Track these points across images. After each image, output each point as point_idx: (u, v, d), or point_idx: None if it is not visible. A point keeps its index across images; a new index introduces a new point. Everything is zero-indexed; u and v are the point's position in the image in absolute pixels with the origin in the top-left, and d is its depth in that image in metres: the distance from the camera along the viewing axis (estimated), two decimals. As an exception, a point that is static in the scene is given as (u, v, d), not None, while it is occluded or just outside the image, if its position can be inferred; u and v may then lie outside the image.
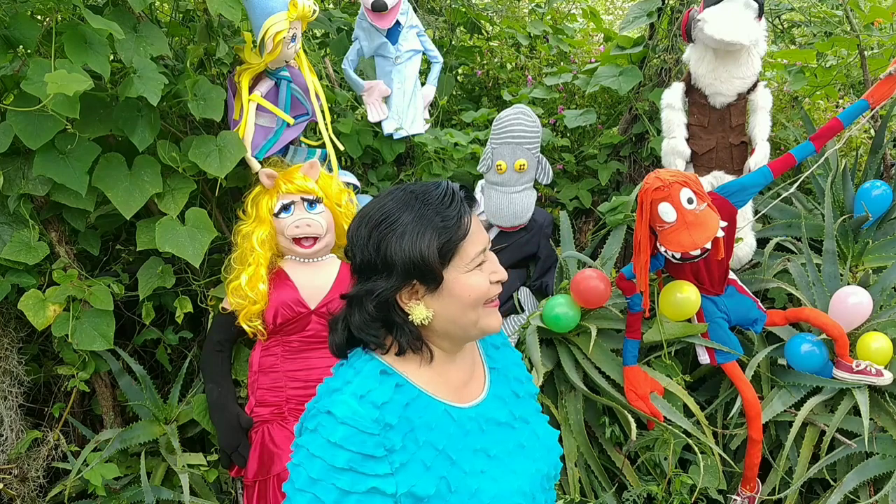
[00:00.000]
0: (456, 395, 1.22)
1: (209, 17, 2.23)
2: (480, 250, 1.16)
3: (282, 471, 2.10)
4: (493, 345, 1.35)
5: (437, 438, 1.15)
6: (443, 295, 1.15)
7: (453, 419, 1.18)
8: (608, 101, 3.32)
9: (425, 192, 1.15)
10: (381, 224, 1.13)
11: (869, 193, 2.58)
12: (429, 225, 1.12)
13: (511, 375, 1.33)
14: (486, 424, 1.22)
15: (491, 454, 1.20)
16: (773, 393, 2.34)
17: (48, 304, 2.08)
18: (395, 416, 1.12)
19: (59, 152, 1.98)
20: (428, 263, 1.12)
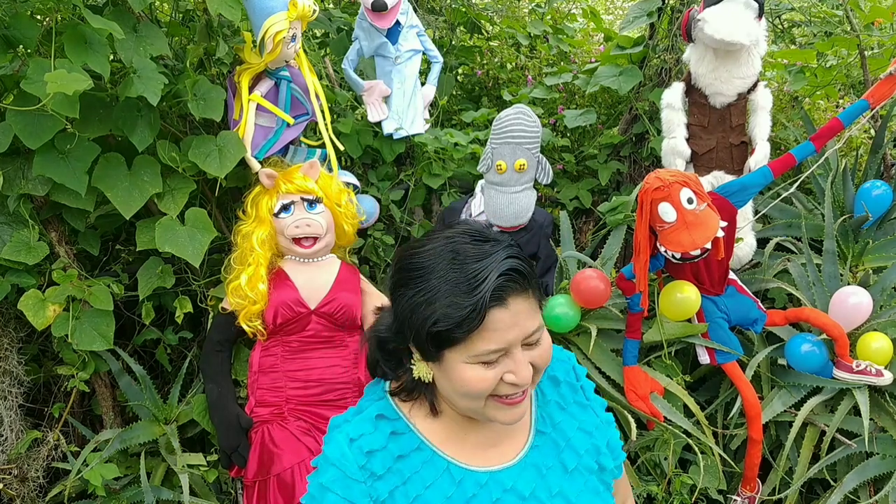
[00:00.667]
0: (474, 455, 1.11)
1: (209, 17, 2.23)
2: (495, 350, 1.00)
3: (281, 471, 2.10)
4: (557, 404, 1.19)
5: (432, 498, 1.07)
6: (441, 369, 1.04)
7: (455, 480, 1.09)
8: (608, 101, 3.32)
9: (467, 256, 1.00)
10: (403, 271, 1.03)
11: (869, 193, 2.57)
12: (440, 302, 0.98)
13: (566, 443, 1.16)
14: (502, 494, 1.09)
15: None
16: (773, 393, 2.34)
17: (48, 304, 2.08)
18: (383, 466, 1.06)
19: (58, 152, 1.98)
20: (422, 341, 1.01)
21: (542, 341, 1.06)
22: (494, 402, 1.04)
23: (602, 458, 1.18)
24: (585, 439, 1.18)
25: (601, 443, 1.19)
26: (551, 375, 1.20)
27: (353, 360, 2.22)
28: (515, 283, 0.99)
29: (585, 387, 1.23)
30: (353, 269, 2.31)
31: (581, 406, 1.21)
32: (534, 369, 1.04)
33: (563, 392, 1.20)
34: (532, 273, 1.02)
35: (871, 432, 2.18)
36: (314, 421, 2.16)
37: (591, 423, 1.20)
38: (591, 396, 1.23)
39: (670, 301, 2.28)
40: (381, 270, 2.64)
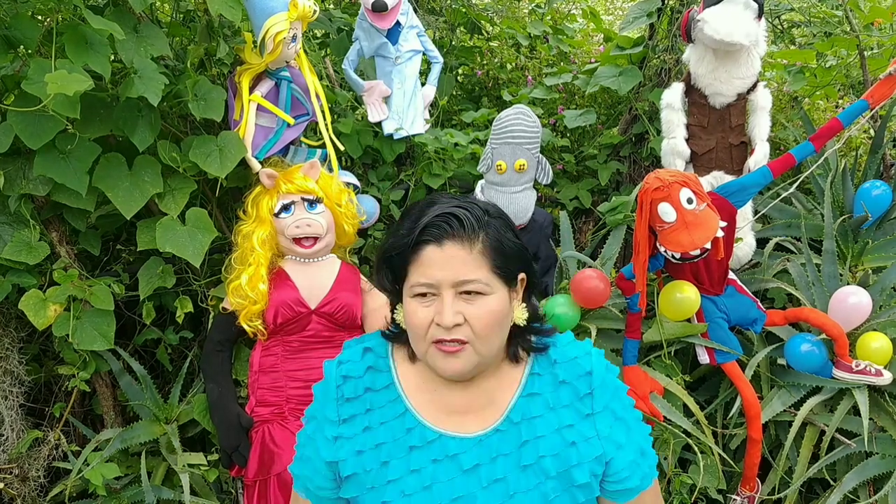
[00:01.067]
0: (436, 415, 1.18)
1: (210, 17, 2.23)
2: (424, 282, 1.11)
3: (282, 470, 2.10)
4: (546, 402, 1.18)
5: (383, 434, 1.17)
6: (403, 311, 1.18)
7: (405, 427, 1.17)
8: (608, 102, 3.32)
9: (426, 203, 1.16)
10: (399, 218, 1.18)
11: (869, 193, 2.58)
12: (392, 231, 1.17)
13: (532, 439, 1.16)
14: (444, 458, 1.16)
15: (429, 487, 1.15)
16: (773, 393, 2.34)
17: (49, 304, 2.08)
18: (353, 392, 1.20)
19: (59, 152, 1.98)
20: (376, 265, 1.18)
21: (483, 303, 1.12)
22: (434, 347, 1.13)
23: (575, 469, 1.15)
24: (559, 444, 1.16)
25: (585, 456, 1.15)
26: (556, 375, 1.20)
27: (353, 360, 2.22)
28: (452, 227, 1.10)
29: (599, 398, 1.19)
30: (353, 269, 2.31)
31: (578, 413, 1.18)
32: (471, 328, 1.11)
33: (561, 393, 1.19)
34: (479, 227, 1.12)
35: (870, 432, 2.18)
36: (314, 420, 2.16)
37: (583, 433, 1.17)
38: (599, 409, 1.18)
39: (670, 301, 2.28)
40: (381, 270, 2.64)
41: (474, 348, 1.13)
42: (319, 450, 1.20)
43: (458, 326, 1.11)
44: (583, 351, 1.22)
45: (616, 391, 1.21)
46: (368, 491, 1.17)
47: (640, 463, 1.20)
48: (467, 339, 1.12)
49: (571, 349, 1.22)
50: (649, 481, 1.22)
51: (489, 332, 1.13)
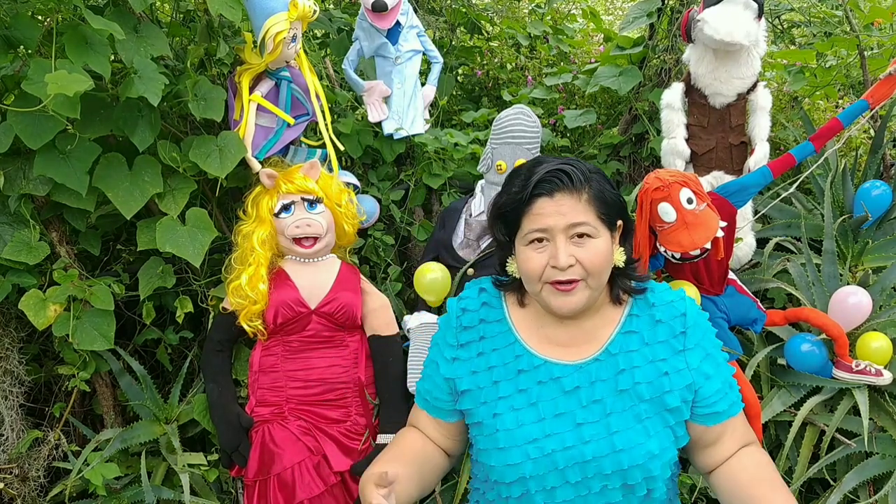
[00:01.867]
0: (541, 345, 1.37)
1: (210, 17, 2.23)
2: (538, 228, 1.28)
3: (282, 470, 2.10)
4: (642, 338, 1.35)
5: (495, 359, 1.37)
6: (516, 259, 1.35)
7: (515, 353, 1.36)
8: (608, 102, 3.32)
9: (532, 163, 1.33)
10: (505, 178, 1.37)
11: (868, 193, 2.58)
12: (504, 189, 1.33)
13: (629, 367, 1.33)
14: (549, 381, 1.33)
15: (535, 403, 1.33)
16: (773, 393, 2.34)
17: (49, 304, 2.08)
18: (470, 321, 1.41)
19: (59, 152, 1.98)
20: (490, 220, 1.37)
21: (592, 244, 1.29)
22: (548, 286, 1.30)
23: (668, 395, 1.31)
24: (653, 373, 1.32)
25: (677, 384, 1.32)
26: (653, 315, 1.36)
27: (353, 360, 2.22)
28: (562, 181, 1.27)
29: (691, 336, 1.34)
30: (353, 268, 2.31)
31: (672, 349, 1.34)
32: (583, 268, 1.28)
33: (658, 331, 1.35)
34: (585, 180, 1.28)
35: (870, 432, 2.18)
36: (314, 420, 2.16)
37: (675, 366, 1.33)
38: (691, 346, 1.34)
39: (670, 301, 2.28)
40: (381, 270, 2.64)
41: (587, 284, 1.30)
42: (440, 367, 1.42)
43: (571, 267, 1.27)
44: (678, 296, 1.39)
45: (707, 332, 1.37)
46: (482, 405, 1.36)
47: (728, 392, 1.37)
48: (580, 278, 1.29)
49: (667, 294, 1.39)
50: (737, 409, 1.39)
51: (599, 270, 1.30)
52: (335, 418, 2.17)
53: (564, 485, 1.31)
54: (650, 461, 1.29)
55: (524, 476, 1.31)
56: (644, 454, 1.29)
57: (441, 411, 1.46)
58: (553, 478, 1.31)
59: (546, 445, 1.31)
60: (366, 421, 2.22)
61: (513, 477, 1.32)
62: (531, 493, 1.32)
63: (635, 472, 1.29)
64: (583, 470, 1.30)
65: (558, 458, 1.30)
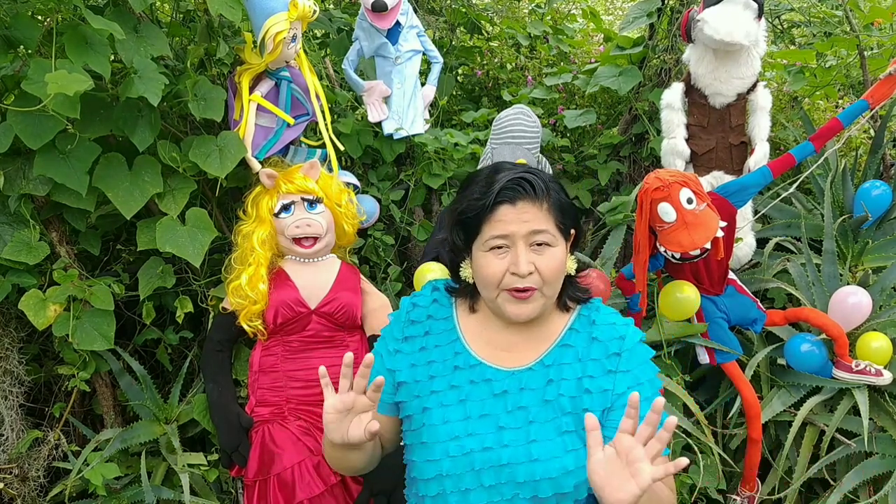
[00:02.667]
0: (482, 348, 1.38)
1: (210, 17, 2.23)
2: (498, 235, 1.28)
3: (282, 470, 2.10)
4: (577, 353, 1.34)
5: (435, 355, 1.39)
6: (472, 265, 1.35)
7: (454, 351, 1.39)
8: (608, 102, 3.32)
9: (491, 170, 1.33)
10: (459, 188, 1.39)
11: (868, 193, 2.58)
12: (464, 195, 1.33)
13: (558, 379, 1.32)
14: (481, 381, 1.35)
15: (464, 401, 1.34)
16: (773, 393, 2.34)
17: (49, 304, 2.08)
18: (417, 317, 1.44)
19: (59, 152, 1.98)
20: (451, 226, 1.36)
21: (551, 253, 1.30)
22: (505, 294, 1.30)
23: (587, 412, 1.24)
24: (577, 388, 1.32)
25: (596, 404, 1.31)
26: (591, 333, 1.36)
27: (353, 360, 2.22)
28: (524, 190, 1.28)
29: (625, 361, 1.33)
30: (353, 268, 2.31)
31: (602, 368, 1.33)
32: (540, 276, 1.29)
33: (593, 348, 1.35)
34: (547, 190, 1.29)
35: (870, 432, 2.18)
36: (314, 421, 2.16)
37: (600, 385, 1.32)
38: (623, 370, 1.32)
39: (670, 301, 2.28)
40: (381, 270, 2.64)
41: (542, 293, 1.31)
42: (383, 359, 1.43)
43: (530, 275, 1.28)
44: (622, 321, 1.39)
45: (642, 361, 1.35)
46: (415, 398, 1.38)
47: None
48: (537, 286, 1.29)
49: (611, 316, 1.40)
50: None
51: (555, 278, 1.31)
52: (335, 418, 2.17)
53: (479, 488, 1.30)
54: (563, 476, 1.27)
55: (441, 474, 1.32)
56: (558, 468, 1.27)
57: (382, 405, 1.44)
58: (469, 479, 1.31)
59: (466, 444, 1.32)
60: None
61: (431, 473, 1.34)
62: (446, 492, 1.33)
63: (546, 485, 1.27)
64: (497, 474, 1.29)
65: (476, 458, 1.31)
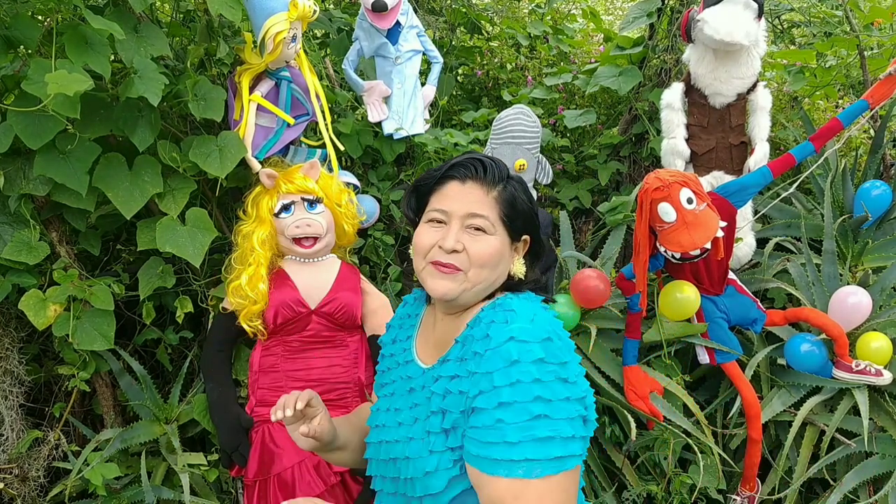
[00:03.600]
0: (423, 345, 1.42)
1: (210, 17, 2.23)
2: (440, 209, 1.30)
3: (282, 470, 2.10)
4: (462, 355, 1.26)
5: (395, 349, 1.47)
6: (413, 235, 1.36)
7: (403, 348, 1.45)
8: (608, 102, 3.32)
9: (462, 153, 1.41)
10: None
11: (868, 193, 2.58)
12: (428, 171, 1.36)
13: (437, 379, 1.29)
14: (405, 377, 1.39)
15: (391, 395, 1.41)
16: (773, 393, 2.34)
17: (49, 304, 2.08)
18: (400, 315, 1.53)
19: (59, 152, 1.98)
20: (405, 195, 1.40)
21: (485, 239, 1.28)
22: (430, 266, 1.30)
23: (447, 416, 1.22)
24: (442, 388, 1.27)
25: (453, 406, 1.21)
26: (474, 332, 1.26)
27: (353, 360, 2.22)
28: (476, 171, 1.30)
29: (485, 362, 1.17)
30: (353, 268, 2.31)
31: (465, 368, 1.22)
32: (468, 258, 1.27)
33: (466, 348, 1.26)
34: (500, 180, 1.30)
35: (870, 432, 2.18)
36: (314, 420, 2.16)
37: (459, 386, 1.22)
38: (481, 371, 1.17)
39: (670, 301, 2.28)
40: (381, 270, 2.64)
41: (466, 276, 1.28)
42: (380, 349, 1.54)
43: (455, 253, 1.27)
44: (501, 317, 1.23)
45: (509, 366, 1.14)
46: (377, 386, 1.49)
47: (491, 441, 1.13)
48: (461, 267, 1.28)
49: (501, 313, 1.24)
50: (497, 470, 1.11)
51: (481, 264, 1.28)
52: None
53: (386, 477, 1.35)
54: (428, 479, 1.21)
55: (369, 456, 1.41)
56: (421, 468, 1.22)
57: (375, 386, 1.55)
58: (379, 466, 1.37)
59: (377, 434, 1.38)
60: (366, 421, 2.22)
61: (366, 454, 1.43)
62: (374, 474, 1.40)
63: (418, 485, 1.24)
64: (393, 468, 1.32)
65: (381, 448, 1.36)
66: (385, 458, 1.34)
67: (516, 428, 1.11)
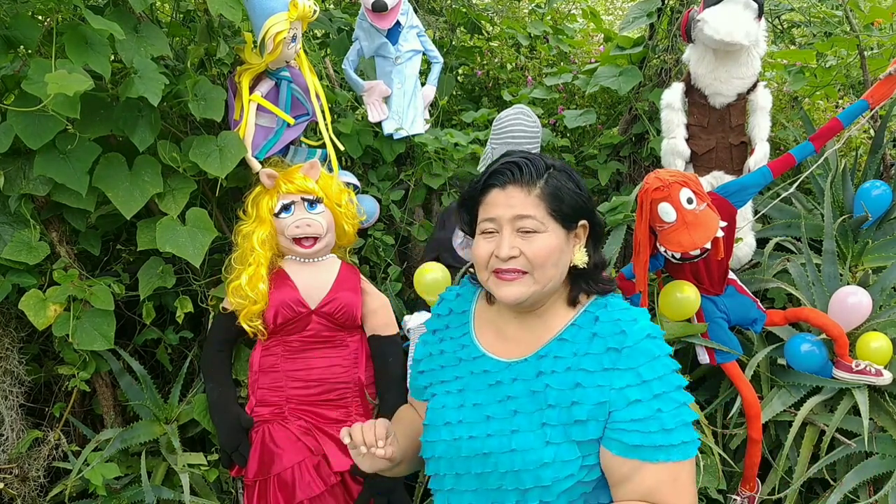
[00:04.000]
0: (487, 339, 1.42)
1: (210, 17, 2.23)
2: (488, 218, 1.32)
3: (282, 470, 2.10)
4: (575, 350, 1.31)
5: (448, 346, 1.46)
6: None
7: (462, 344, 1.44)
8: (608, 102, 3.32)
9: (500, 156, 1.36)
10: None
11: (868, 193, 2.58)
12: (472, 181, 1.38)
13: (550, 374, 1.31)
14: (480, 373, 1.38)
15: (462, 391, 1.39)
16: (773, 393, 2.34)
17: (49, 304, 2.08)
18: (443, 310, 1.52)
19: (59, 152, 1.98)
20: (458, 211, 1.43)
21: (539, 239, 1.29)
22: (494, 276, 1.32)
23: (576, 407, 1.27)
24: (568, 382, 1.29)
25: (588, 399, 1.26)
26: (594, 329, 1.33)
27: (353, 360, 2.22)
28: (513, 174, 1.30)
29: (626, 358, 1.27)
30: (353, 268, 2.31)
31: (599, 363, 1.28)
32: (527, 260, 1.29)
33: (592, 344, 1.31)
34: (538, 176, 1.30)
35: (870, 432, 2.18)
36: (314, 421, 2.16)
37: (594, 381, 1.27)
38: (622, 367, 1.26)
39: (670, 301, 2.28)
40: (381, 270, 2.64)
41: (532, 277, 1.30)
42: (417, 349, 1.54)
43: (514, 258, 1.29)
44: (629, 316, 1.33)
45: (653, 362, 1.27)
46: (429, 385, 1.46)
47: (654, 433, 1.23)
48: (524, 269, 1.30)
49: (619, 313, 1.34)
50: (660, 458, 1.23)
51: (542, 264, 1.29)
52: (335, 418, 2.17)
53: (468, 474, 1.34)
54: (541, 469, 1.26)
55: (435, 455, 1.38)
56: (536, 460, 1.26)
57: (415, 390, 1.56)
58: (459, 464, 1.35)
59: (456, 431, 1.35)
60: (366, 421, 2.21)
61: (429, 454, 1.40)
62: (441, 474, 1.38)
63: (526, 476, 1.27)
64: (483, 463, 1.31)
65: (463, 445, 1.34)
66: (467, 455, 1.33)
67: (670, 415, 1.25)
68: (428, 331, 1.54)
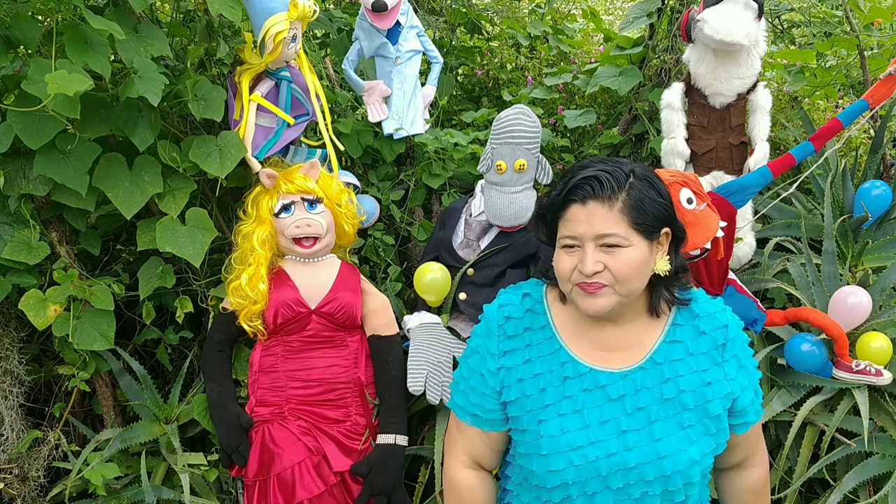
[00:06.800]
0: (586, 351, 1.38)
1: (210, 17, 2.23)
2: (568, 234, 1.31)
3: (282, 470, 2.10)
4: (686, 347, 1.38)
5: (540, 366, 1.37)
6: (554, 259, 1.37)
7: (560, 361, 1.37)
8: (608, 102, 3.32)
9: (578, 166, 1.34)
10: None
11: (869, 193, 2.58)
12: (549, 192, 1.38)
13: (674, 376, 1.36)
14: (595, 389, 1.35)
15: (580, 410, 1.34)
16: (773, 393, 2.34)
17: (49, 304, 2.08)
18: (515, 330, 1.40)
19: (59, 152, 1.98)
20: (532, 220, 1.47)
21: (623, 254, 1.28)
22: (577, 288, 1.31)
23: (710, 404, 1.35)
24: (697, 382, 1.35)
25: (718, 393, 1.36)
26: (697, 326, 1.39)
27: (353, 360, 2.22)
28: (593, 189, 1.27)
29: (730, 348, 1.39)
30: (353, 268, 2.31)
31: (712, 359, 1.38)
32: (611, 274, 1.28)
33: (700, 342, 1.38)
34: (620, 189, 1.27)
35: (870, 432, 2.18)
36: (314, 420, 2.16)
37: (716, 376, 1.36)
38: (729, 358, 1.38)
39: (670, 301, 2.28)
40: (381, 270, 2.64)
41: (615, 290, 1.30)
42: (486, 379, 1.41)
43: (598, 273, 1.28)
44: (719, 307, 1.43)
45: (743, 343, 1.42)
46: (528, 413, 1.37)
47: (755, 401, 1.43)
48: (608, 283, 1.29)
49: (710, 305, 1.43)
50: (760, 414, 1.45)
51: (627, 278, 1.29)
52: (335, 418, 2.17)
53: (605, 490, 1.33)
54: (691, 467, 1.33)
55: (566, 482, 1.33)
56: (686, 460, 1.32)
57: (494, 423, 1.45)
58: (595, 484, 1.33)
59: (590, 452, 1.32)
60: (366, 421, 2.22)
61: (554, 482, 1.34)
62: (572, 497, 1.35)
63: (677, 478, 1.33)
64: (625, 476, 1.32)
65: (602, 464, 1.32)
66: (610, 472, 1.32)
67: (758, 382, 1.45)
68: (492, 354, 1.41)
